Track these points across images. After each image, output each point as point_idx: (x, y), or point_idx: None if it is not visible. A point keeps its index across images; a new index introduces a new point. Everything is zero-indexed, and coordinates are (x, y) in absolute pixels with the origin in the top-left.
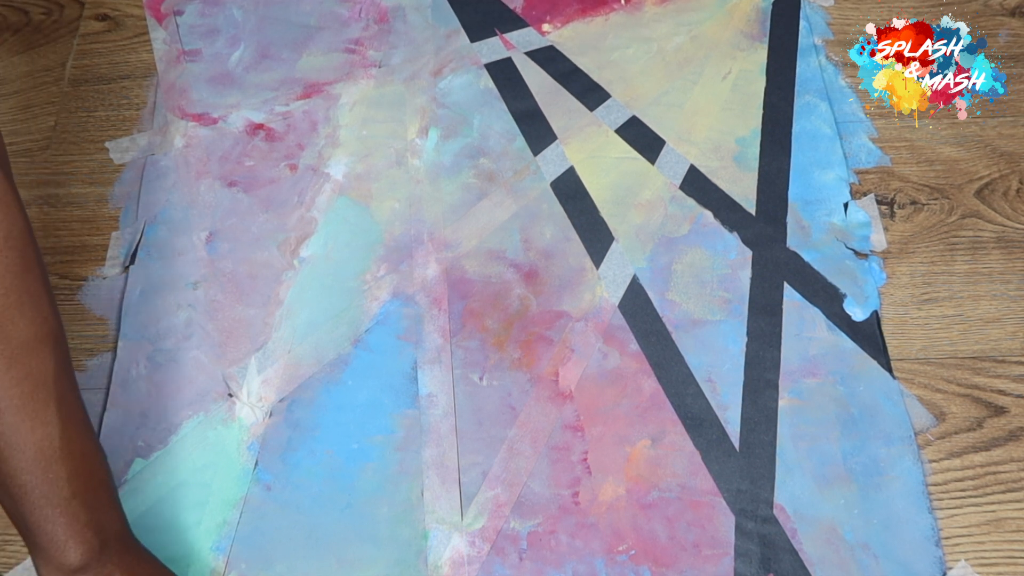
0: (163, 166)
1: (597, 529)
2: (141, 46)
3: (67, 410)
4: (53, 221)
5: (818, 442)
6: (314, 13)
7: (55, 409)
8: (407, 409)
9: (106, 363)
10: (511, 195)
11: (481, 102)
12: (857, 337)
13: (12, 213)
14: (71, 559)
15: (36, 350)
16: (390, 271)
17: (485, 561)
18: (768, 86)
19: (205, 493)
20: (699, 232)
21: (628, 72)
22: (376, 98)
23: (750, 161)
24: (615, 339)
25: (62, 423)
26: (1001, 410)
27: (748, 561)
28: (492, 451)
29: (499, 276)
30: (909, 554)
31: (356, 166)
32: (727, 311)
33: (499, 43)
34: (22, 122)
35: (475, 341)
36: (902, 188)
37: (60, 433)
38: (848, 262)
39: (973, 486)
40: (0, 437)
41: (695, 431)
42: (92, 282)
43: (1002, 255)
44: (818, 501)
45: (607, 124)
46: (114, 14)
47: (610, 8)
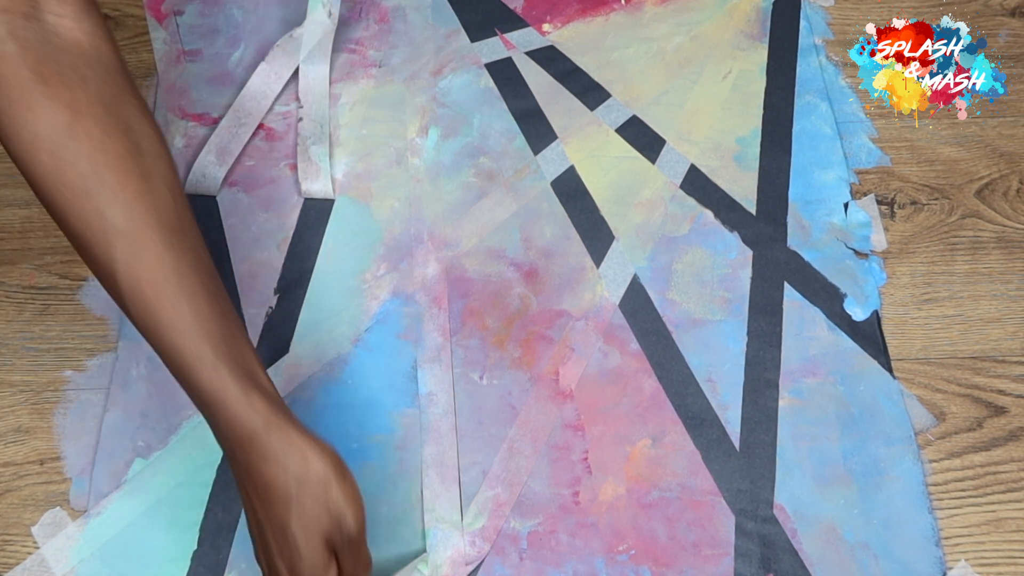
0: None
1: (597, 529)
2: (141, 46)
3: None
4: (53, 221)
5: (818, 442)
6: None
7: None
8: (407, 408)
9: (106, 363)
10: (511, 194)
11: (481, 101)
12: (857, 337)
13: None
14: (249, 418)
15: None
16: (390, 270)
17: (485, 561)
18: (768, 86)
19: (205, 493)
20: (699, 232)
21: (628, 72)
22: (376, 98)
23: (750, 161)
24: (615, 338)
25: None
26: (1001, 410)
27: (748, 561)
28: (492, 450)
29: (499, 275)
30: (909, 554)
31: (356, 165)
32: (727, 311)
33: (499, 43)
34: None
35: (475, 340)
36: (902, 188)
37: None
38: (848, 262)
39: (973, 486)
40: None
41: (695, 431)
42: (92, 282)
43: (1002, 255)
44: (818, 501)
45: (607, 124)
46: (114, 14)
47: (610, 8)
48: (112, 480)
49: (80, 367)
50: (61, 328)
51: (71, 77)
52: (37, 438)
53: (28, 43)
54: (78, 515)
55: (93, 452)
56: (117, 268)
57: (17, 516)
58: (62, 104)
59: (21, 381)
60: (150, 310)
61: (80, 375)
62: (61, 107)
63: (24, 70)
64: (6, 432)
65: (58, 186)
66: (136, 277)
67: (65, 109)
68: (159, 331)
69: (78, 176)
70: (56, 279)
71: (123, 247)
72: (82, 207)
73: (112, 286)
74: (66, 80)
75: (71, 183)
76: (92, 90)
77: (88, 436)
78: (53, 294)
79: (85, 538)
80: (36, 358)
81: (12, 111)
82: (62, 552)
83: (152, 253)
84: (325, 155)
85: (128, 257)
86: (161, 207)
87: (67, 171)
